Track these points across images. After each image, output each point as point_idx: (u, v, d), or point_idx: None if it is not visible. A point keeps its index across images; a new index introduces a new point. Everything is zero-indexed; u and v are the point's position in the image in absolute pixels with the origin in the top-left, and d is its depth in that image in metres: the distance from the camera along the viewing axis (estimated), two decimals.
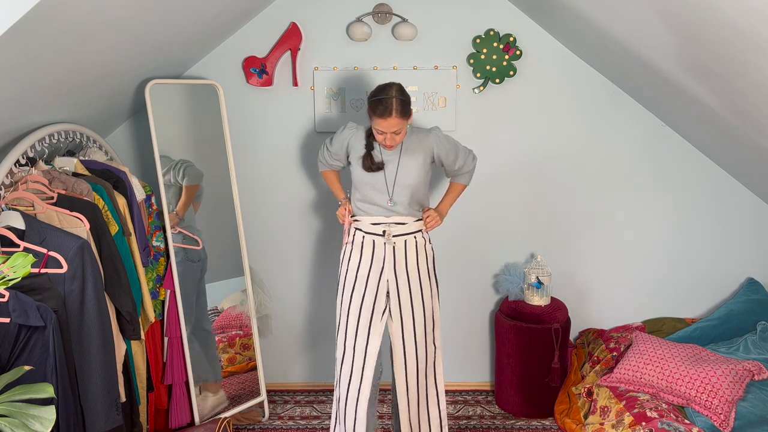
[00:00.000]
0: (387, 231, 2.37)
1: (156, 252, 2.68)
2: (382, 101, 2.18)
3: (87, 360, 1.95)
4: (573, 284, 3.20)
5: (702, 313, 3.24)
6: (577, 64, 2.98)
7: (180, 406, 2.76)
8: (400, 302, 2.40)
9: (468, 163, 2.48)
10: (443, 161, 2.42)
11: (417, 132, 2.40)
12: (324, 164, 2.57)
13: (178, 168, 2.74)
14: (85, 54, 1.98)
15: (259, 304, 3.03)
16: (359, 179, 2.39)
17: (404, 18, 2.90)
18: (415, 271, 2.41)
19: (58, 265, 1.84)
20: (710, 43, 1.92)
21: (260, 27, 2.94)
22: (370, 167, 2.34)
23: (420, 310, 2.41)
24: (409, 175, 2.35)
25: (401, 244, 2.39)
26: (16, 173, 2.07)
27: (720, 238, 3.14)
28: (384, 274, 2.39)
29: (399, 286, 2.40)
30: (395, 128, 2.21)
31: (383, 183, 2.36)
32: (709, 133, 2.76)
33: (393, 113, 2.17)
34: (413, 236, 2.41)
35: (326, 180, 2.62)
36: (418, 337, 2.41)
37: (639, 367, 2.57)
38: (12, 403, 1.33)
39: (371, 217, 2.40)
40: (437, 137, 2.39)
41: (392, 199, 2.36)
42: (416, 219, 2.43)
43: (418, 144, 2.37)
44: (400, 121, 2.20)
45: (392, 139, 2.25)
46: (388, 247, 2.38)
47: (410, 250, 2.41)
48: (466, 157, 2.46)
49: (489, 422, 2.99)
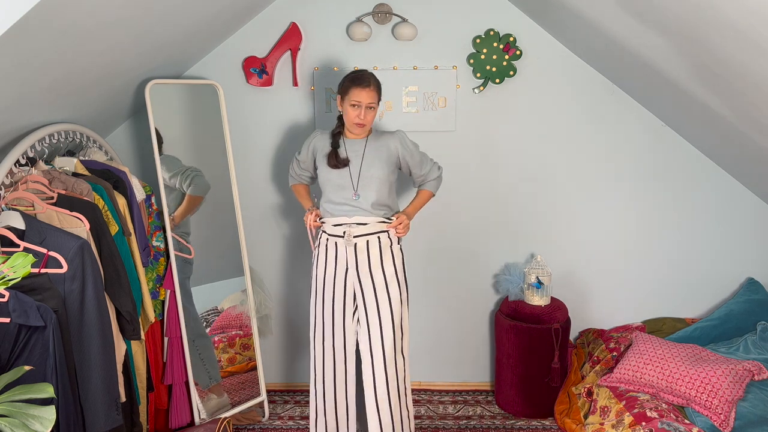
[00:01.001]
0: (347, 231, 2.38)
1: (156, 252, 2.68)
2: (361, 74, 2.36)
3: (87, 360, 1.95)
4: (573, 284, 3.20)
5: (702, 313, 3.24)
6: (577, 64, 2.98)
7: (180, 406, 2.76)
8: (367, 310, 2.40)
9: (433, 171, 2.54)
10: (408, 163, 2.47)
11: (383, 133, 2.49)
12: (293, 177, 2.65)
13: (186, 174, 2.74)
14: (85, 54, 1.98)
15: (259, 304, 3.03)
16: (325, 178, 2.44)
17: (404, 18, 2.90)
18: (379, 273, 2.40)
19: (58, 265, 1.84)
20: (710, 43, 1.92)
21: (260, 27, 2.94)
22: (336, 164, 2.40)
23: (388, 317, 2.38)
24: (372, 167, 2.39)
25: (363, 245, 2.39)
26: (16, 173, 2.07)
27: (720, 238, 3.14)
28: (349, 277, 2.41)
29: (364, 290, 2.40)
30: (370, 100, 2.32)
31: (348, 178, 2.40)
32: (709, 133, 2.76)
33: (370, 84, 2.32)
34: (376, 236, 2.41)
35: (296, 194, 2.68)
36: (386, 348, 2.37)
37: (639, 367, 2.57)
38: (12, 403, 1.33)
39: (334, 218, 2.42)
40: (401, 138, 2.46)
41: (357, 192, 2.38)
42: (379, 220, 2.41)
43: (383, 142, 2.44)
44: (374, 94, 2.33)
45: (365, 115, 2.33)
46: (349, 248, 2.39)
47: (373, 251, 2.40)
48: (432, 166, 2.53)
49: (489, 422, 2.99)
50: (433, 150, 2.70)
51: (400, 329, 2.42)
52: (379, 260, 2.40)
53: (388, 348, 2.37)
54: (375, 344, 2.38)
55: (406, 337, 2.46)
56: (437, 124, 3.00)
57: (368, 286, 2.40)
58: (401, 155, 2.45)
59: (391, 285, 2.41)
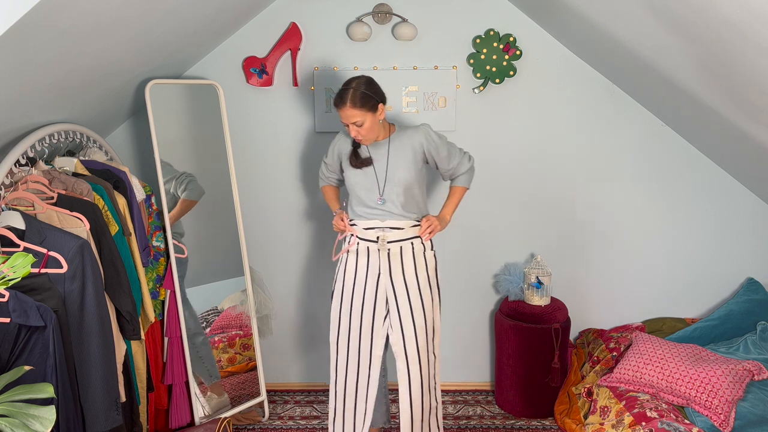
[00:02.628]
0: (381, 236, 2.33)
1: (156, 252, 2.68)
2: (340, 92, 2.23)
3: (87, 360, 1.95)
4: (573, 284, 3.20)
5: (702, 313, 3.24)
6: (577, 64, 2.98)
7: (180, 406, 2.76)
8: (400, 313, 2.35)
9: (464, 163, 2.43)
10: (435, 158, 2.37)
11: (406, 129, 2.38)
12: (323, 179, 2.62)
13: (181, 180, 2.74)
14: (85, 54, 1.98)
15: (259, 304, 3.03)
16: (351, 180, 2.38)
17: (404, 18, 2.90)
18: (413, 280, 2.35)
19: (58, 265, 1.84)
20: (710, 43, 1.92)
21: (260, 27, 2.94)
22: (357, 164, 2.34)
23: (421, 320, 2.35)
24: (398, 170, 2.31)
25: (396, 250, 2.34)
26: (16, 173, 2.07)
27: (720, 238, 3.14)
28: (381, 282, 2.35)
29: (397, 296, 2.35)
30: (352, 119, 2.21)
31: (374, 180, 2.34)
32: (709, 132, 2.76)
33: (346, 103, 2.19)
34: (410, 242, 2.36)
35: (325, 195, 2.64)
36: (420, 350, 2.36)
37: (639, 367, 2.57)
38: (12, 403, 1.33)
39: (366, 221, 2.36)
40: (426, 132, 2.35)
41: (382, 196, 2.32)
42: (413, 224, 2.36)
43: (406, 140, 2.34)
44: (355, 111, 2.20)
45: (356, 132, 2.24)
46: (382, 253, 2.33)
47: (407, 257, 2.35)
48: (461, 157, 2.42)
49: (489, 422, 2.99)
50: None
51: (432, 331, 2.40)
52: (413, 267, 2.35)
53: (422, 349, 2.36)
54: (409, 345, 2.34)
55: (437, 338, 2.43)
56: (437, 124, 2.99)
57: (402, 292, 2.34)
58: (426, 150, 2.35)
59: (424, 291, 2.36)
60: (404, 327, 2.34)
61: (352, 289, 2.38)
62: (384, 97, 2.30)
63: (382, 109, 2.28)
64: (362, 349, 2.40)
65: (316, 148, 3.07)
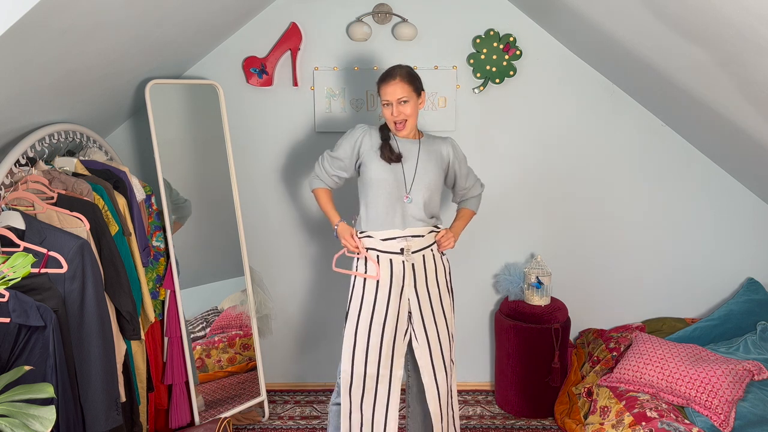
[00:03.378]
0: (405, 247, 2.22)
1: (156, 252, 2.68)
2: (389, 70, 2.21)
3: (87, 360, 1.95)
4: (573, 284, 3.20)
5: (702, 313, 3.24)
6: (577, 64, 2.98)
7: (180, 406, 2.76)
8: (424, 323, 2.26)
9: (476, 187, 2.44)
10: (456, 172, 2.35)
11: (435, 137, 2.35)
12: (318, 179, 2.37)
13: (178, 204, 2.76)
14: (85, 54, 1.98)
15: (259, 304, 3.03)
16: (376, 176, 2.21)
17: (404, 18, 2.90)
18: (435, 287, 2.29)
19: (58, 265, 1.84)
20: (710, 43, 1.92)
21: (260, 27, 2.94)
22: (390, 157, 2.21)
23: (444, 328, 2.30)
24: (427, 174, 2.25)
25: (420, 259, 2.25)
26: (16, 173, 2.07)
27: (720, 238, 3.14)
28: (404, 294, 2.23)
29: (421, 306, 2.25)
30: (400, 94, 2.15)
31: (402, 177, 2.22)
32: (709, 132, 2.76)
33: (396, 77, 2.16)
34: (430, 249, 2.30)
35: (318, 200, 2.39)
36: (445, 359, 2.30)
37: (639, 367, 2.57)
38: (12, 403, 1.33)
39: (383, 231, 2.21)
40: (453, 145, 2.34)
41: (409, 194, 2.22)
42: (431, 230, 2.29)
43: (436, 146, 2.31)
44: (404, 87, 2.16)
45: (399, 111, 2.16)
46: (407, 264, 2.22)
47: (429, 265, 2.28)
48: (475, 180, 2.43)
49: (489, 422, 2.99)
50: None
51: (451, 337, 2.35)
52: (434, 274, 2.30)
53: (446, 359, 2.30)
54: (436, 357, 2.27)
55: (454, 344, 2.38)
56: (437, 124, 3.00)
57: (425, 302, 2.26)
58: (451, 162, 2.32)
59: (444, 298, 2.31)
60: (430, 339, 2.27)
61: (372, 308, 2.21)
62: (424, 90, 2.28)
63: (424, 97, 2.27)
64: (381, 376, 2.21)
65: (316, 148, 3.07)
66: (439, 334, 2.29)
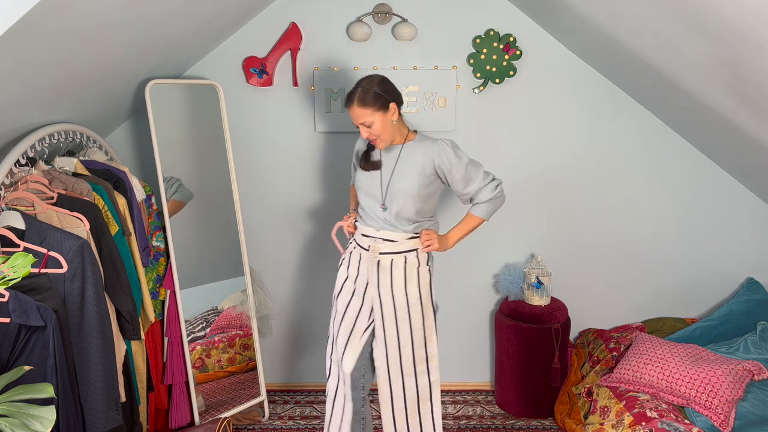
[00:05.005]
0: (372, 247, 2.24)
1: (156, 252, 2.68)
2: (349, 92, 2.17)
3: (87, 360, 1.95)
4: (573, 284, 3.20)
5: (702, 313, 3.24)
6: (577, 64, 2.98)
7: (180, 406, 2.76)
8: (384, 327, 2.26)
9: (485, 192, 2.21)
10: (447, 178, 2.20)
11: (425, 140, 2.24)
12: (352, 177, 2.52)
13: (170, 182, 2.74)
14: (85, 54, 1.98)
15: (259, 304, 3.03)
16: (357, 182, 2.32)
17: (404, 18, 2.90)
18: (401, 295, 2.23)
19: (58, 265, 1.84)
20: (710, 43, 1.92)
21: (260, 27, 2.94)
22: (365, 165, 2.27)
23: (407, 337, 2.25)
24: (401, 181, 2.19)
25: (387, 263, 2.23)
26: (16, 173, 2.07)
27: (720, 238, 3.14)
28: (368, 292, 2.29)
29: (383, 309, 2.25)
30: (360, 119, 2.14)
31: (378, 185, 2.24)
32: (709, 133, 2.76)
33: (353, 102, 2.13)
34: (403, 255, 2.23)
35: (350, 193, 2.61)
36: (404, 367, 2.27)
37: (639, 367, 2.57)
38: (12, 403, 1.33)
39: (365, 227, 2.29)
40: (442, 148, 2.18)
41: (384, 203, 2.22)
42: (410, 236, 2.24)
43: (420, 151, 2.20)
44: (363, 111, 2.12)
45: (367, 132, 2.16)
46: (371, 264, 2.25)
47: (397, 271, 2.23)
48: (484, 184, 2.20)
49: (489, 422, 2.99)
50: None
51: (424, 350, 2.27)
52: (403, 282, 2.23)
53: (406, 369, 2.27)
54: (392, 363, 2.27)
55: (433, 361, 2.28)
56: (437, 124, 3.00)
57: (388, 306, 2.24)
58: (437, 167, 2.18)
59: (413, 309, 2.23)
60: (388, 343, 2.26)
61: (339, 294, 2.36)
62: (397, 96, 2.19)
63: (395, 108, 2.16)
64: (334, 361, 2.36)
65: (316, 148, 3.07)
66: (399, 342, 2.25)
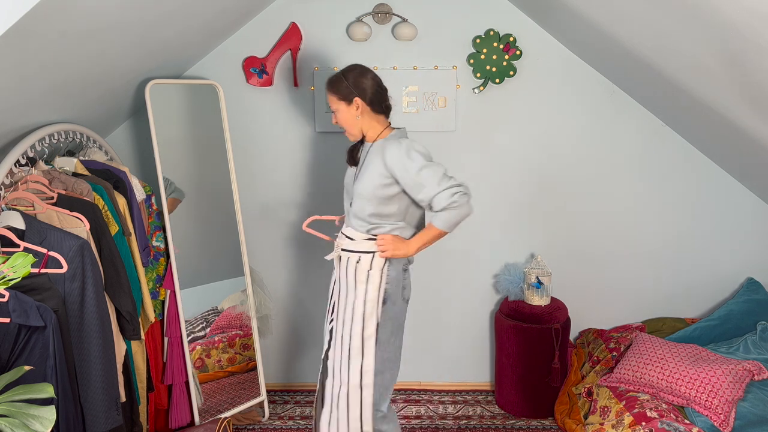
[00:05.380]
0: (337, 242, 2.26)
1: (156, 252, 2.68)
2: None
3: (87, 360, 1.95)
4: (573, 284, 3.20)
5: (702, 313, 3.24)
6: (577, 64, 2.98)
7: (180, 406, 2.76)
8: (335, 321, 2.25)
9: (439, 200, 1.99)
10: (399, 182, 2.06)
11: (389, 139, 2.12)
12: None
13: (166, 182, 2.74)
14: (85, 54, 1.98)
15: (259, 304, 3.03)
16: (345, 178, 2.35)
17: (404, 18, 2.90)
18: (351, 294, 2.18)
19: (58, 265, 1.84)
20: (710, 43, 1.92)
21: (260, 27, 2.94)
22: (349, 159, 2.26)
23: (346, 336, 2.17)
24: (361, 180, 2.12)
25: (345, 259, 2.20)
26: (16, 173, 2.07)
27: (720, 238, 3.14)
28: (335, 287, 2.30)
29: (338, 305, 2.24)
30: (330, 103, 2.15)
31: (351, 182, 2.23)
32: (709, 133, 2.76)
33: (327, 86, 2.15)
34: (357, 255, 2.15)
35: None
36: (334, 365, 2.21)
37: (639, 367, 2.57)
38: (12, 403, 1.33)
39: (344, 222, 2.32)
40: (395, 148, 2.04)
41: (352, 201, 2.20)
42: (366, 237, 2.16)
43: (380, 150, 2.09)
44: (330, 96, 2.13)
45: (335, 118, 2.17)
46: (335, 259, 2.26)
47: (348, 270, 2.18)
48: (437, 190, 1.99)
49: (489, 422, 2.99)
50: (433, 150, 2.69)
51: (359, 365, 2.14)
52: (353, 280, 2.16)
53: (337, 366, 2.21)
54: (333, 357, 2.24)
55: (366, 378, 2.14)
56: (437, 124, 3.00)
57: (342, 303, 2.22)
58: (389, 170, 2.05)
59: (356, 307, 2.15)
60: (334, 337, 2.24)
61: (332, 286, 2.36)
62: (366, 93, 2.08)
63: (359, 104, 2.08)
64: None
65: (316, 149, 3.07)
66: (342, 338, 2.19)
